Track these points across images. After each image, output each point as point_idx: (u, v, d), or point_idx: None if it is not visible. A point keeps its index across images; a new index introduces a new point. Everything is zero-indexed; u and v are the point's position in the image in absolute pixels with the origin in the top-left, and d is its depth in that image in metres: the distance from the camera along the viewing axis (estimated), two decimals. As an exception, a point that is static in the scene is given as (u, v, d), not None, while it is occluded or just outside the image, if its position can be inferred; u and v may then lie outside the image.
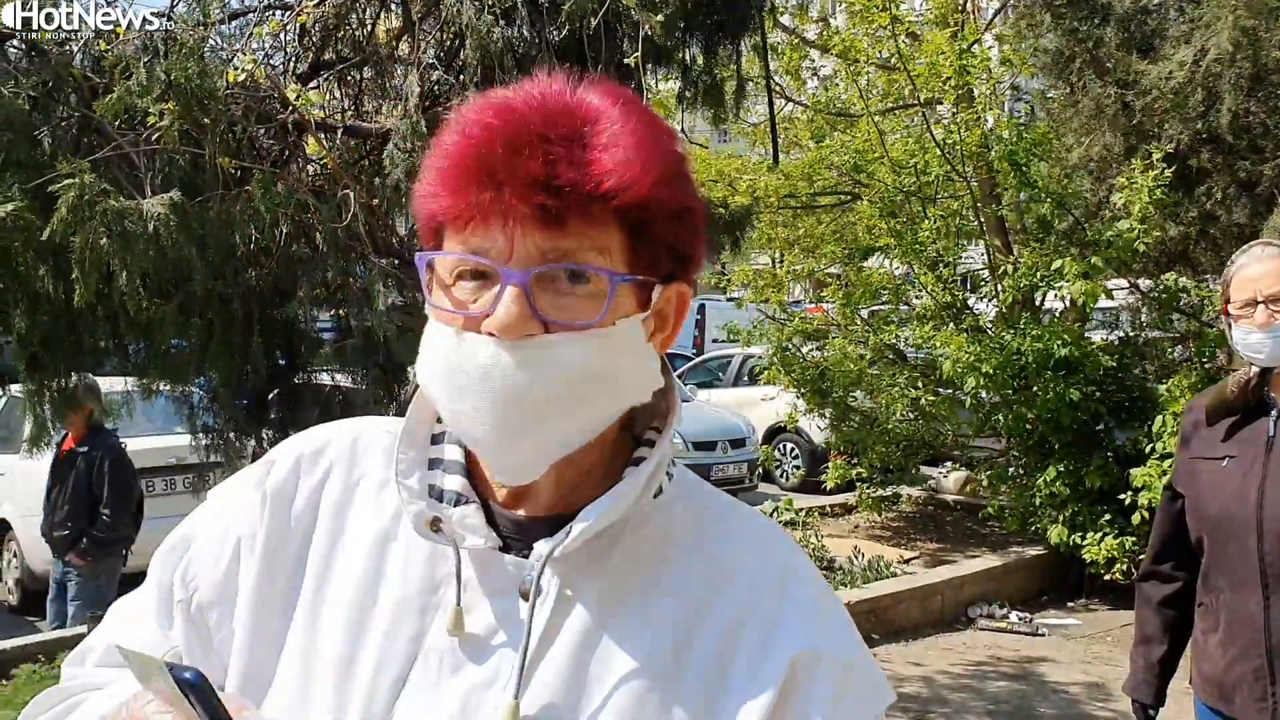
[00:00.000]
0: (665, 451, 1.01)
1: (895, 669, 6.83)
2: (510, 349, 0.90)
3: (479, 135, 0.92)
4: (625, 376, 0.96)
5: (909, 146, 9.45)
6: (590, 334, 0.92)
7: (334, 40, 5.21)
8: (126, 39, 4.62)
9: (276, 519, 1.04)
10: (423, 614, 0.98)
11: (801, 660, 0.96)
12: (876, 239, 9.73)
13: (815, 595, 1.02)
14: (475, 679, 0.95)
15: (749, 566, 1.01)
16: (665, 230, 0.95)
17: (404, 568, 1.00)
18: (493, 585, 0.98)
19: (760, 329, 9.95)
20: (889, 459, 9.46)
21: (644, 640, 0.95)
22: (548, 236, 0.90)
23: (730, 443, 12.55)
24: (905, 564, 8.56)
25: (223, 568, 1.04)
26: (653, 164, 0.92)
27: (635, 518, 1.00)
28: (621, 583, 0.98)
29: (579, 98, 0.94)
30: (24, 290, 4.47)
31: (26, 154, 4.33)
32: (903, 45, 9.48)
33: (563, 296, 0.92)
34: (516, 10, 4.94)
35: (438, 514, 0.99)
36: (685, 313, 1.02)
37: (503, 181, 0.89)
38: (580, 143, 0.91)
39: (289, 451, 1.08)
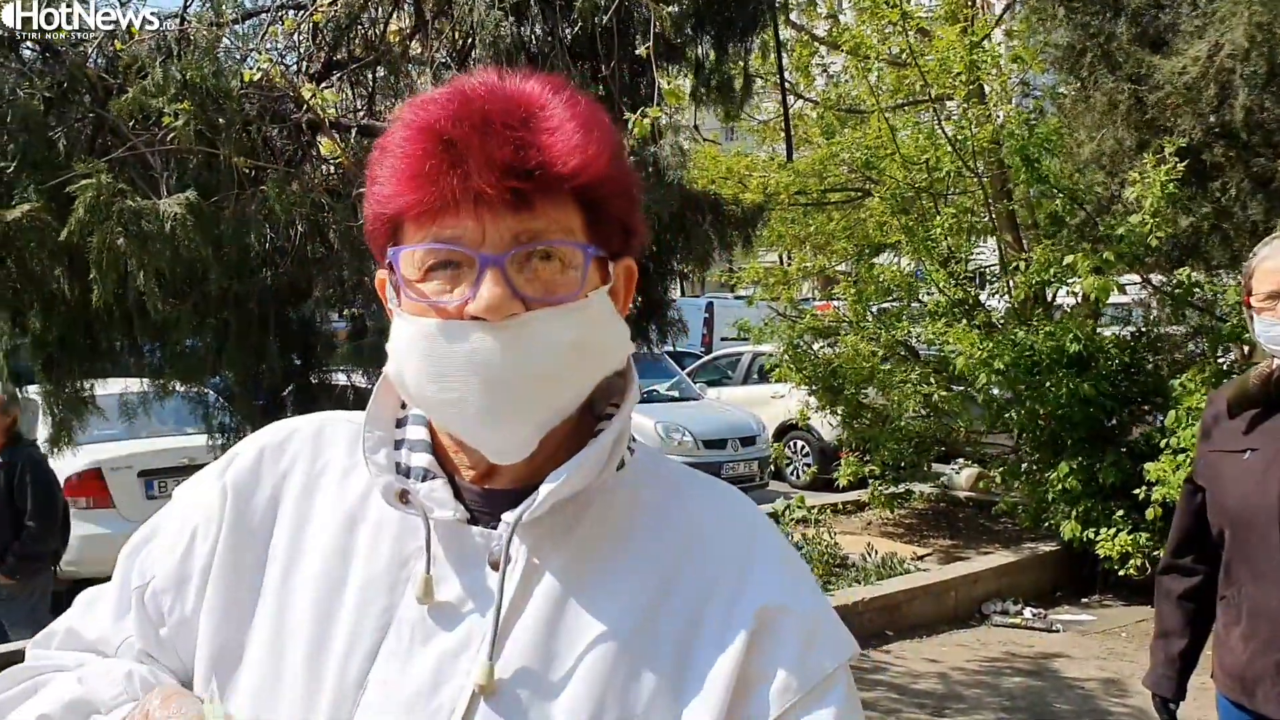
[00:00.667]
0: (625, 423, 1.04)
1: (910, 665, 6.82)
2: (497, 330, 0.92)
3: (436, 124, 0.93)
4: (605, 344, 1.00)
5: (920, 142, 9.43)
6: (570, 307, 0.95)
7: (347, 40, 5.22)
8: (141, 39, 4.63)
9: (238, 509, 1.06)
10: (392, 589, 0.99)
11: (767, 613, 0.99)
12: (888, 236, 9.71)
13: (779, 554, 1.05)
14: (446, 646, 0.97)
15: (715, 531, 1.04)
16: (618, 206, 0.99)
17: (372, 546, 1.02)
18: (461, 556, 1.00)
19: (771, 326, 9.94)
20: (901, 456, 9.43)
21: (615, 605, 0.98)
22: (518, 219, 0.93)
23: (740, 440, 12.54)
24: (919, 561, 8.54)
25: (178, 555, 1.06)
26: (603, 144, 0.96)
27: (601, 489, 1.02)
28: (590, 550, 1.00)
29: (519, 86, 0.98)
30: (40, 291, 4.49)
31: (42, 155, 4.34)
32: (913, 41, 9.46)
33: (538, 275, 0.95)
34: (529, 8, 4.94)
35: (405, 487, 1.01)
36: (633, 286, 1.06)
37: (471, 167, 0.91)
38: (534, 128, 0.94)
39: (252, 444, 1.10)
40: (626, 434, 1.05)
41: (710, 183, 9.69)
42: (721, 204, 5.80)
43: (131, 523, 7.38)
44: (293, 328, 5.10)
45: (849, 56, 10.21)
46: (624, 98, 4.96)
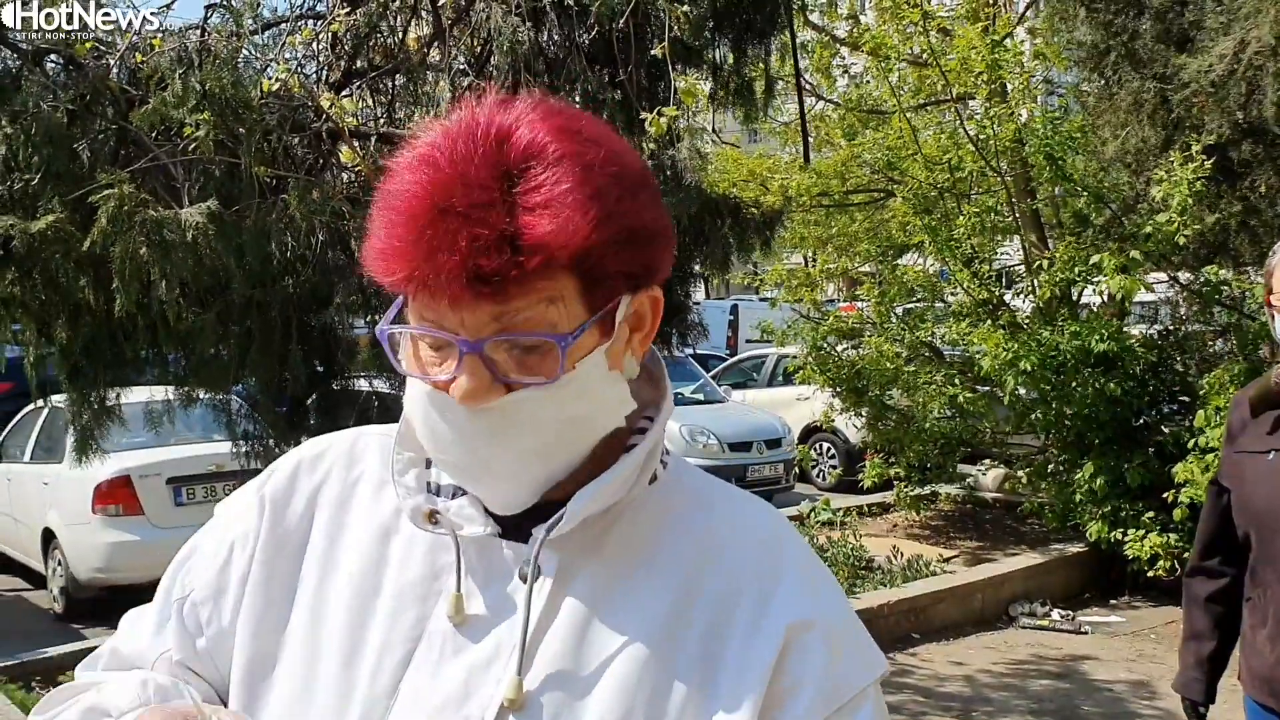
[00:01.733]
0: (657, 439, 1.04)
1: (936, 668, 6.79)
2: (479, 415, 0.93)
3: (409, 209, 0.91)
4: (595, 411, 0.98)
5: (942, 142, 9.38)
6: (554, 386, 0.93)
7: (366, 48, 5.25)
8: (162, 51, 4.67)
9: (274, 520, 1.08)
10: (424, 600, 1.01)
11: (795, 629, 0.98)
12: (911, 236, 9.67)
13: (805, 566, 1.04)
14: (476, 658, 0.98)
15: (738, 542, 1.03)
16: (620, 262, 0.94)
17: (405, 557, 1.03)
18: (491, 570, 1.01)
19: (794, 328, 9.91)
20: (927, 457, 9.39)
21: (640, 617, 0.98)
22: (491, 310, 0.91)
23: (766, 443, 12.50)
24: (945, 563, 8.48)
25: (216, 566, 1.08)
26: (588, 210, 0.90)
27: (630, 503, 1.02)
28: (617, 564, 1.00)
29: (508, 137, 0.92)
30: (65, 301, 4.53)
31: (65, 166, 4.39)
32: (934, 41, 9.42)
33: (522, 357, 0.94)
34: (545, 14, 4.95)
35: (434, 506, 1.02)
36: (659, 308, 1.03)
37: (441, 263, 0.89)
38: (506, 207, 0.89)
39: (289, 459, 1.12)
40: (659, 448, 1.05)
41: (731, 186, 9.68)
42: (741, 207, 5.80)
43: (161, 529, 7.51)
44: (314, 335, 5.13)
45: (870, 57, 10.17)
46: (641, 102, 4.96)
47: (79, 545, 7.83)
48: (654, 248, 0.99)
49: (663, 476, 1.06)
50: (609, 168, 0.94)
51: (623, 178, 0.95)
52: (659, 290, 1.02)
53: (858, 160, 10.13)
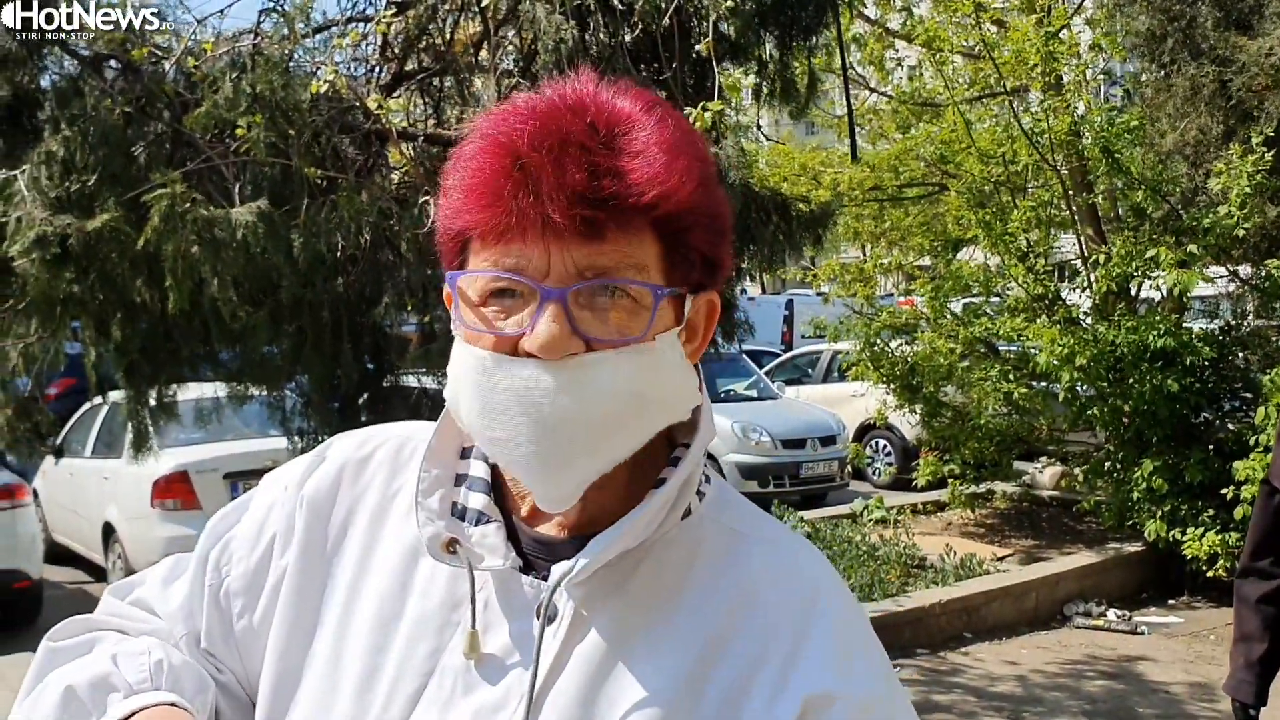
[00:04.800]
0: (690, 472, 0.96)
1: (988, 668, 6.72)
2: (552, 370, 0.86)
3: (511, 142, 0.87)
4: (668, 394, 0.93)
5: (996, 135, 9.28)
6: (631, 350, 0.88)
7: (416, 50, 5.31)
8: (216, 55, 4.76)
9: (311, 528, 1.04)
10: (441, 631, 0.96)
11: (812, 703, 0.91)
12: (965, 230, 9.57)
13: (839, 631, 0.95)
14: (486, 700, 0.93)
15: (773, 597, 0.95)
16: (700, 239, 0.92)
17: (429, 584, 0.98)
18: (510, 606, 0.95)
19: (847, 324, 9.85)
20: (982, 455, 9.29)
21: (659, 672, 0.92)
22: (586, 252, 0.86)
23: (820, 440, 12.43)
24: (999, 561, 8.40)
25: (254, 561, 1.05)
26: (690, 171, 0.88)
27: (661, 540, 0.96)
28: (641, 607, 0.94)
29: (610, 102, 0.90)
30: (121, 300, 4.64)
31: (122, 168, 4.49)
32: (987, 33, 9.32)
33: (603, 312, 0.88)
34: (591, 13, 4.97)
35: (456, 534, 0.96)
36: (715, 322, 0.99)
37: (542, 191, 0.84)
38: (616, 150, 0.87)
39: (336, 456, 1.07)
40: (695, 479, 0.98)
41: (783, 180, 9.63)
42: (789, 204, 5.78)
43: (217, 524, 7.61)
44: (365, 333, 5.20)
45: (923, 50, 10.07)
46: (686, 98, 4.96)
47: (138, 539, 8.00)
48: (725, 242, 0.95)
49: (698, 510, 0.99)
50: (703, 148, 0.93)
51: (709, 164, 0.94)
52: (717, 297, 0.98)
53: (911, 154, 10.03)
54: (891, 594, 7.25)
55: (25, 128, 4.88)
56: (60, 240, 4.28)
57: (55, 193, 4.47)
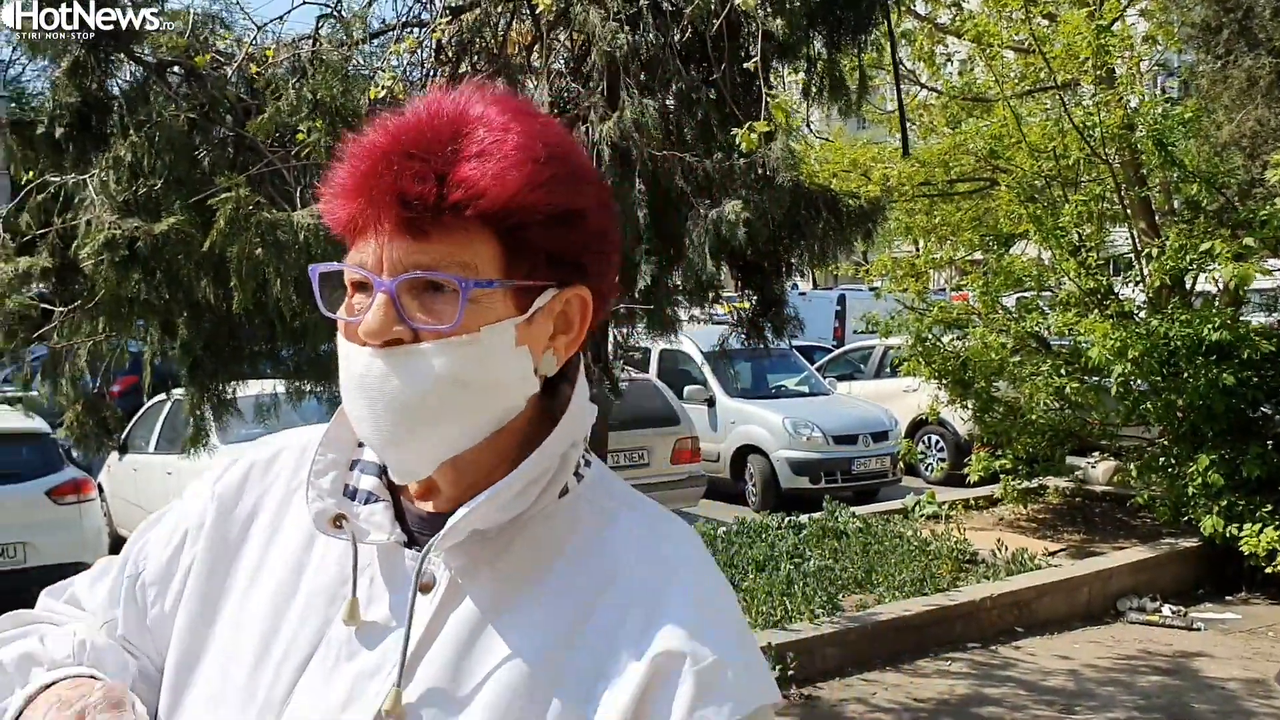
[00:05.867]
0: (556, 451, 1.03)
1: (1040, 662, 6.72)
2: (379, 357, 0.95)
3: (363, 152, 0.98)
4: (491, 382, 0.98)
5: (1047, 130, 9.22)
6: (453, 341, 0.95)
7: (469, 54, 5.41)
8: (277, 61, 4.90)
9: (219, 519, 1.11)
10: (330, 605, 1.03)
11: (663, 660, 0.96)
12: (1017, 225, 9.53)
13: (693, 594, 1.01)
14: (364, 666, 0.99)
15: (635, 566, 1.02)
16: (541, 236, 0.98)
17: (321, 562, 1.05)
18: (393, 577, 1.02)
19: (898, 319, 9.83)
20: (1034, 450, 9.25)
21: (524, 639, 0.98)
22: (412, 248, 0.95)
23: (872, 436, 12.42)
24: (1050, 556, 8.36)
25: (168, 554, 1.13)
26: (519, 169, 0.95)
27: (536, 517, 1.02)
28: (514, 579, 1.01)
29: (464, 109, 0.98)
30: (187, 300, 4.79)
31: (187, 172, 4.63)
32: (1038, 27, 9.26)
33: (429, 305, 0.96)
34: (641, 15, 5.04)
35: (343, 511, 1.04)
36: (589, 315, 1.05)
37: (371, 196, 0.95)
38: (443, 155, 0.95)
39: (246, 459, 1.16)
40: (572, 458, 1.04)
41: (832, 176, 9.63)
42: (838, 199, 5.81)
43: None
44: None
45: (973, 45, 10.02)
46: (735, 100, 5.02)
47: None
48: (587, 238, 1.02)
49: (574, 490, 1.05)
50: (555, 149, 0.99)
51: (567, 163, 1.00)
52: (589, 294, 1.04)
53: (961, 149, 9.99)
54: (943, 588, 7.26)
55: (94, 132, 5.04)
56: (128, 243, 4.43)
57: (123, 197, 4.62)
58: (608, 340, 5.36)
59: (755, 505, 11.92)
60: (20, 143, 5.02)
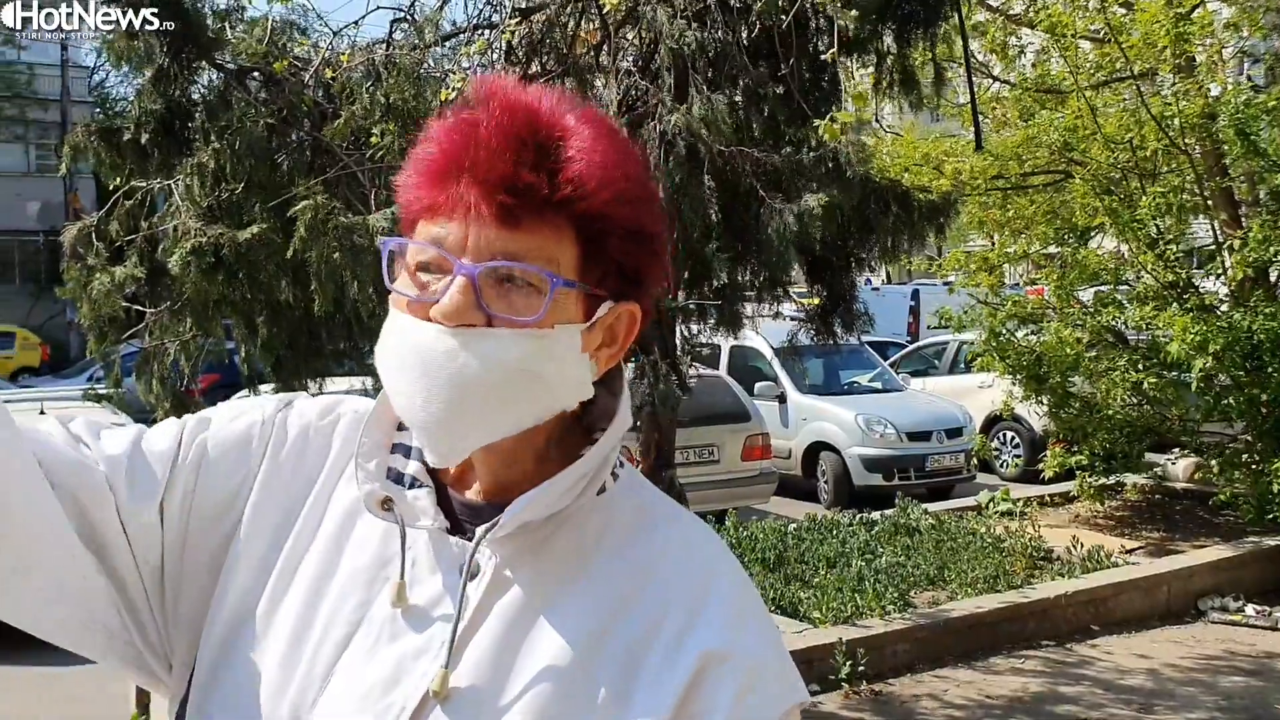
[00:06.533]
0: (606, 452, 1.05)
1: (1117, 660, 6.63)
2: (450, 335, 0.95)
3: (462, 131, 0.97)
4: (554, 379, 1.00)
5: (1124, 120, 9.06)
6: (527, 332, 0.96)
7: (539, 54, 5.49)
8: (352, 66, 5.02)
9: (274, 475, 1.09)
10: (371, 585, 1.03)
11: (708, 658, 0.99)
12: (1092, 218, 9.38)
13: (733, 597, 1.04)
14: (409, 647, 1.00)
15: (672, 567, 1.04)
16: (618, 247, 1.00)
17: (363, 541, 1.06)
18: (437, 562, 1.03)
19: (972, 313, 9.73)
20: (1112, 446, 9.10)
21: (567, 628, 1.00)
22: (502, 235, 0.95)
23: (946, 433, 12.31)
24: (1128, 554, 8.23)
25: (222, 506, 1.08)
26: (611, 182, 0.97)
27: (576, 512, 1.05)
28: (554, 571, 1.03)
29: (558, 113, 0.99)
30: (268, 301, 4.93)
31: (266, 177, 4.78)
32: (1114, 16, 9.11)
33: (508, 294, 0.97)
34: (709, 12, 5.08)
35: (391, 494, 1.04)
36: (635, 332, 1.06)
37: (472, 175, 0.95)
38: (549, 151, 0.96)
39: (300, 418, 1.13)
40: (611, 460, 1.07)
41: (904, 170, 9.55)
42: (908, 194, 5.80)
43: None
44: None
45: (1046, 36, 9.88)
46: (804, 96, 5.03)
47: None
48: (651, 259, 1.04)
49: (611, 489, 1.07)
50: (637, 169, 1.03)
51: (645, 185, 1.04)
52: (638, 310, 1.05)
53: (1034, 141, 9.86)
54: (1016, 585, 7.19)
55: (177, 138, 5.22)
56: (214, 250, 4.58)
57: (207, 202, 4.78)
58: (674, 336, 5.40)
59: (827, 502, 11.88)
60: (107, 149, 5.21)
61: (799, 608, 6.62)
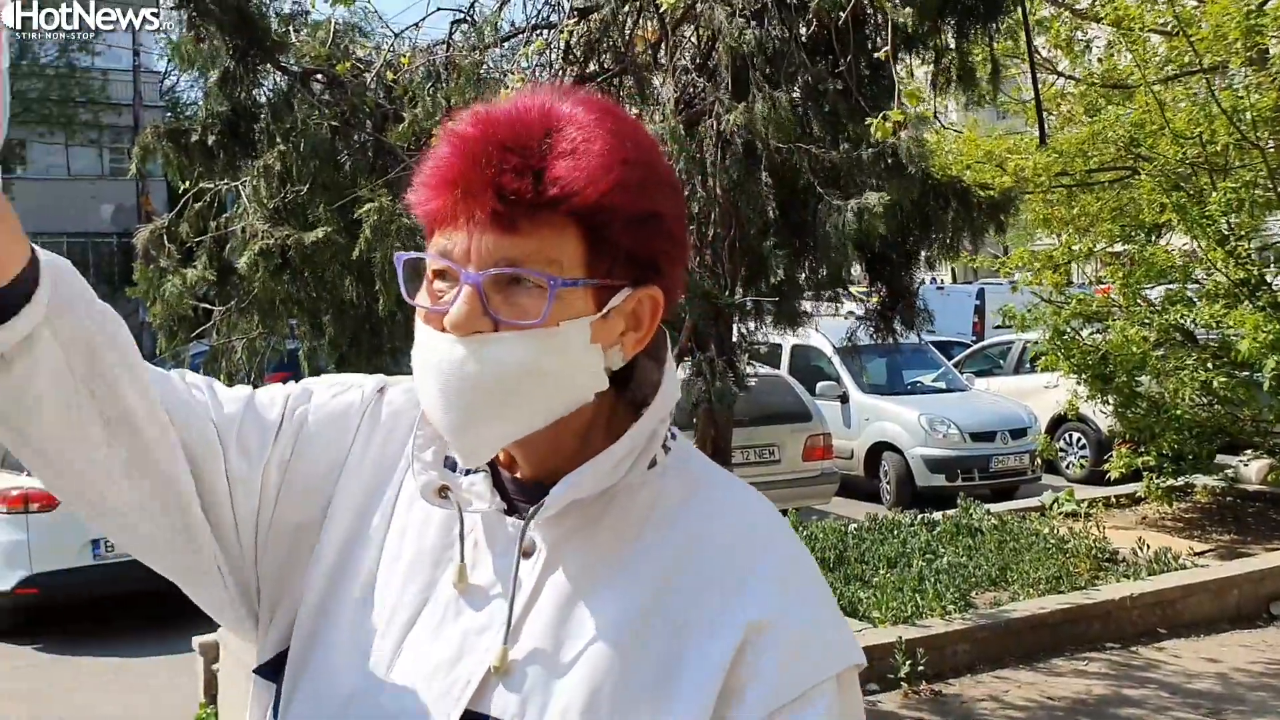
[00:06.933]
0: (649, 428, 1.08)
1: (1185, 664, 6.51)
2: (459, 344, 0.99)
3: (455, 146, 1.01)
4: (563, 374, 1.02)
5: (1193, 115, 8.90)
6: (532, 334, 0.99)
7: (597, 53, 5.53)
8: (413, 67, 5.10)
9: (365, 451, 1.15)
10: (435, 567, 1.08)
11: (755, 626, 1.01)
12: (1160, 215, 9.22)
13: (781, 567, 1.06)
14: (472, 625, 1.05)
15: (721, 539, 1.07)
16: (623, 235, 1.01)
17: (423, 527, 1.11)
18: (494, 544, 1.08)
19: (1035, 312, 9.60)
20: (1180, 447, 8.94)
21: (619, 602, 1.03)
22: (501, 241, 0.98)
23: (1010, 433, 12.17)
24: (1196, 556, 8.07)
25: (320, 476, 1.14)
26: (609, 170, 0.98)
27: (627, 488, 1.08)
28: (606, 547, 1.06)
29: (552, 107, 1.01)
30: (333, 299, 5.03)
31: (331, 177, 4.87)
32: (1183, 9, 8.95)
33: (513, 298, 1.00)
34: (766, 10, 5.08)
35: (446, 482, 1.09)
36: (659, 315, 1.08)
37: (464, 188, 0.98)
38: (538, 151, 0.98)
39: (391, 403, 1.18)
40: (660, 434, 1.10)
41: (965, 167, 9.46)
42: (968, 191, 5.75)
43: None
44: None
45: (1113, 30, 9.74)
46: (861, 92, 5.02)
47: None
48: (665, 241, 1.06)
49: (663, 462, 1.10)
50: (640, 151, 1.04)
51: (652, 167, 1.05)
52: (660, 295, 1.07)
53: (1100, 137, 9.71)
54: (1080, 587, 7.09)
55: (243, 139, 5.34)
56: (281, 251, 4.68)
57: (273, 203, 4.89)
58: (732, 333, 5.40)
59: (889, 503, 11.79)
60: (176, 150, 5.34)
61: (859, 607, 6.59)
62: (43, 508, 8.08)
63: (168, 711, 6.80)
